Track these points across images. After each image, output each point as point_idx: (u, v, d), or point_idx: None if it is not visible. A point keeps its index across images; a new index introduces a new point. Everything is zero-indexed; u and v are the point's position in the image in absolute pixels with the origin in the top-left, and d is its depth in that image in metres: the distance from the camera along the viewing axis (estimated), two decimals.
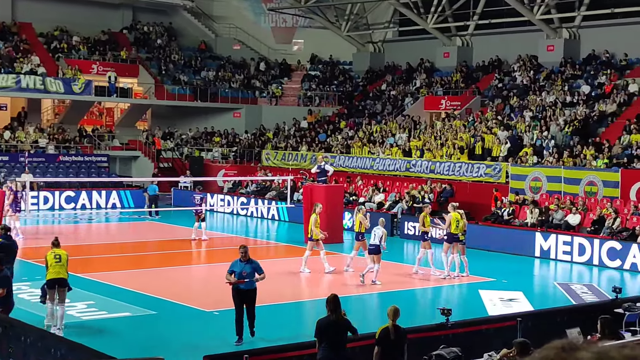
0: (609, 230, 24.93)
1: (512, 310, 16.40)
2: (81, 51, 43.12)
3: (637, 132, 29.40)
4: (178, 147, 42.95)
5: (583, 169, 28.41)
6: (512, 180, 29.67)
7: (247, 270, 13.47)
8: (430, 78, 42.00)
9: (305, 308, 18.14)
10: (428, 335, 12.50)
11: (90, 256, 23.97)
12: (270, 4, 45.86)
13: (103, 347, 10.96)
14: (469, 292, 19.94)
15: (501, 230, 26.93)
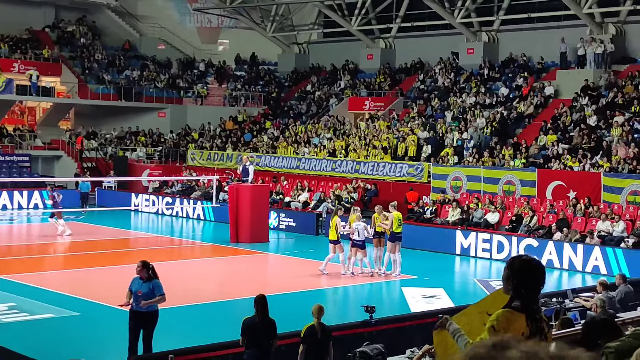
0: (526, 228, 25.46)
1: (433, 307, 16.55)
2: (2, 49, 42.12)
3: (553, 133, 30.06)
4: (102, 147, 42.26)
5: (501, 169, 28.92)
6: (434, 180, 30.03)
7: (143, 290, 11.73)
8: (355, 79, 42.24)
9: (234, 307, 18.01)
10: (352, 332, 12.57)
11: (10, 257, 23.42)
12: (195, 4, 45.57)
13: (26, 349, 10.70)
14: (392, 289, 20.11)
15: (422, 229, 27.21)
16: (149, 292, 11.69)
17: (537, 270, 5.06)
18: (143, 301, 11.62)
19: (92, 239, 27.71)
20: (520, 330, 4.91)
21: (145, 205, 35.79)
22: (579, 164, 27.59)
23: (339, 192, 30.70)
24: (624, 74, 32.46)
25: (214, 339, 12.09)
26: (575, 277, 22.17)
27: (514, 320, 4.88)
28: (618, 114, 29.54)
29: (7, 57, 41.60)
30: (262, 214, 27.61)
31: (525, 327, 4.81)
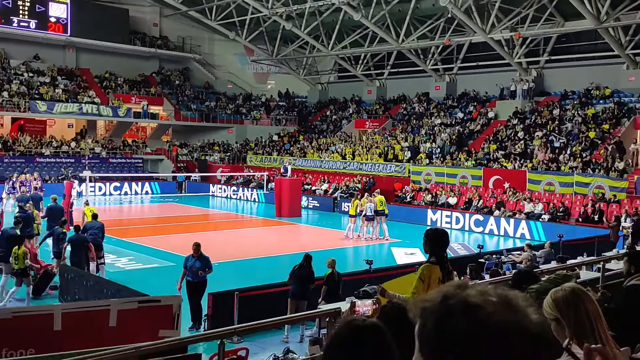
0: (475, 208, 25.32)
1: (412, 260, 16.53)
2: (124, 88, 42.36)
3: (494, 143, 29.86)
4: (190, 153, 42.46)
5: (458, 167, 28.78)
6: (412, 175, 29.94)
7: (196, 265, 11.17)
8: (359, 107, 42.13)
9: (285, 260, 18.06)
10: (357, 277, 12.53)
11: (130, 226, 23.61)
12: (252, 57, 45.59)
13: (139, 288, 10.76)
14: (383, 249, 20.06)
15: (405, 208, 27.16)
16: (201, 265, 11.15)
17: (443, 236, 5.36)
18: (200, 272, 11.06)
19: (183, 214, 27.89)
20: (437, 276, 5.08)
21: (219, 192, 35.96)
22: (511, 164, 27.40)
23: (348, 183, 30.67)
24: (542, 103, 32.18)
25: (265, 282, 12.08)
26: (508, 241, 22.01)
27: (432, 270, 5.11)
28: (538, 130, 29.32)
29: (127, 93, 41.86)
30: (297, 197, 27.66)
31: (439, 273, 5.07)
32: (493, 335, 1.14)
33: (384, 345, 1.71)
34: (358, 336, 1.71)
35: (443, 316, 1.18)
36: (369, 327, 1.74)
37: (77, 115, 38.44)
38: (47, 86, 38.35)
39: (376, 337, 1.72)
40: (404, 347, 1.78)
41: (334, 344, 1.73)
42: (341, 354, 1.70)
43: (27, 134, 37.97)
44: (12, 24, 37.29)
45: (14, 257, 12.05)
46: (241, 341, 9.64)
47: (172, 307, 6.64)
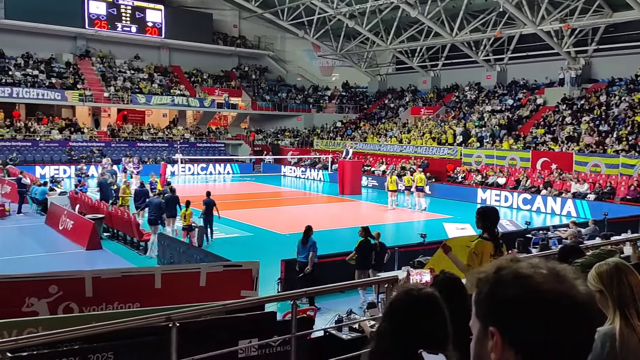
0: (523, 187, 24.49)
1: (463, 234, 16.23)
2: (209, 82, 43.34)
3: (542, 128, 28.70)
4: (265, 138, 43.08)
5: (508, 150, 27.87)
6: (464, 157, 29.25)
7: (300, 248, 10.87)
8: (415, 96, 41.36)
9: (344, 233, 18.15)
10: (413, 249, 12.43)
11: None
12: (319, 52, 45.53)
13: (223, 254, 11.09)
14: (436, 224, 19.78)
15: (457, 187, 26.63)
16: (309, 248, 10.76)
17: (493, 213, 5.23)
18: (312, 252, 10.69)
19: (259, 191, 28.42)
20: (489, 250, 4.94)
21: (289, 172, 36.37)
22: (559, 147, 26.26)
23: (404, 165, 30.30)
24: (590, 90, 30.51)
25: (331, 251, 12.19)
26: (555, 219, 21.20)
27: (484, 245, 4.98)
28: (585, 115, 27.89)
29: (212, 87, 42.81)
30: (358, 177, 27.61)
31: (492, 248, 4.94)
32: (542, 302, 1.12)
33: (437, 311, 1.72)
34: (414, 302, 1.72)
35: (496, 285, 1.18)
36: (424, 295, 1.75)
37: (170, 107, 39.72)
38: (146, 82, 39.76)
39: (430, 304, 1.72)
40: (452, 313, 1.78)
41: (393, 309, 1.75)
42: (398, 318, 1.71)
43: (129, 123, 39.63)
44: (116, 28, 38.81)
45: (182, 217, 14.12)
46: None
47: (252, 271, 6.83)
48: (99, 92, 36.67)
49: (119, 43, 40.34)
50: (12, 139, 32.81)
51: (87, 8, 37.38)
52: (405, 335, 1.65)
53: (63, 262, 12.83)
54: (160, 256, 12.91)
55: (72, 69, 37.62)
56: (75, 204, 18.00)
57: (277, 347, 5.19)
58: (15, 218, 18.42)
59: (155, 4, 40.09)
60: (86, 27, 37.63)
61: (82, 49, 39.13)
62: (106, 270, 6.90)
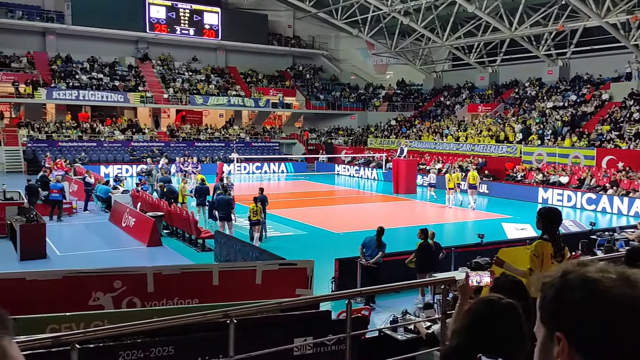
0: (587, 186, 23.48)
1: (523, 235, 15.76)
2: (263, 82, 43.99)
3: (607, 125, 27.41)
4: (319, 137, 43.30)
5: (570, 148, 26.81)
6: (524, 155, 28.35)
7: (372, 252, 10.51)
8: (472, 93, 40.45)
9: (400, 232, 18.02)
10: (470, 249, 12.16)
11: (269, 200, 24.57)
12: (373, 50, 45.29)
13: (278, 252, 11.23)
14: (495, 224, 19.27)
15: (517, 187, 25.86)
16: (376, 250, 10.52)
17: (555, 214, 5.00)
18: (381, 252, 10.53)
19: (313, 190, 28.58)
20: (549, 252, 4.80)
21: (343, 171, 36.38)
22: (626, 144, 25.00)
23: (461, 163, 29.67)
24: None
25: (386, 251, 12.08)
26: (621, 219, 20.21)
27: (545, 246, 4.87)
28: None
29: (266, 87, 43.43)
30: (412, 176, 27.28)
31: (552, 249, 4.75)
32: (610, 306, 1.08)
33: (517, 323, 1.67)
34: (493, 312, 1.68)
35: (562, 289, 1.15)
36: (504, 305, 1.70)
37: (226, 107, 40.61)
38: (203, 83, 40.82)
39: (510, 314, 1.68)
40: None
41: (472, 318, 1.71)
42: (478, 328, 1.68)
43: (187, 123, 40.81)
44: (175, 32, 40.05)
45: (251, 212, 14.68)
46: (364, 301, 9.78)
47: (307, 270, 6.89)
48: (158, 93, 37.95)
49: (177, 46, 41.60)
50: (79, 139, 34.49)
51: (148, 13, 38.76)
52: (481, 345, 1.61)
53: (126, 258, 13.38)
54: (217, 253, 13.22)
55: (133, 72, 39.12)
56: (136, 202, 18.72)
57: (331, 346, 5.21)
58: (82, 215, 19.34)
59: (212, 7, 41.06)
60: (147, 31, 39.04)
61: (143, 52, 40.62)
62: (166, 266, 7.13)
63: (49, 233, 14.01)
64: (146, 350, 4.32)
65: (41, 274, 6.09)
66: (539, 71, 36.32)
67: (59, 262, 12.65)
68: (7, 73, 34.04)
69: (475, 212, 21.40)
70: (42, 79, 34.85)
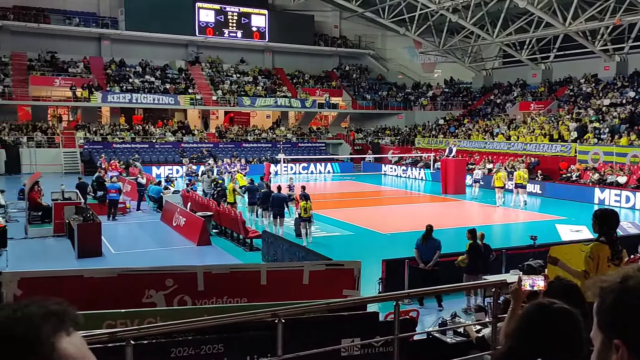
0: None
1: (578, 237, 15.21)
2: (310, 83, 44.23)
3: None
4: (365, 137, 43.17)
5: (629, 147, 25.67)
6: (579, 154, 27.36)
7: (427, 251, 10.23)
8: (523, 90, 39.39)
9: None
10: (522, 252, 11.83)
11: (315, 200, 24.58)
12: (420, 49, 44.76)
13: (324, 253, 11.26)
14: (548, 225, 18.67)
15: (571, 187, 24.98)
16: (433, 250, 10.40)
17: (612, 216, 4.85)
18: (438, 251, 10.43)
19: (360, 190, 28.51)
20: (606, 255, 4.66)
21: (390, 171, 36.12)
22: None
23: (513, 163, 28.92)
24: None
25: None
26: None
27: (601, 249, 4.72)
28: None
29: (313, 88, 43.64)
30: (461, 176, 26.80)
31: (608, 252, 4.62)
32: None
33: (572, 328, 1.61)
34: (547, 317, 1.63)
35: (622, 294, 1.11)
36: (558, 309, 1.65)
37: (273, 108, 41.08)
38: (250, 84, 41.44)
39: (564, 320, 1.63)
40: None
41: (524, 323, 1.67)
42: (531, 333, 1.63)
43: (235, 124, 41.53)
44: (223, 35, 40.86)
45: (302, 209, 14.99)
46: (411, 303, 9.69)
47: (354, 271, 6.88)
48: (207, 95, 38.79)
49: (225, 48, 42.41)
50: (132, 141, 35.68)
51: (198, 16, 39.69)
52: (535, 350, 1.57)
53: (176, 256, 13.75)
54: (265, 253, 13.39)
55: (184, 75, 40.14)
56: (187, 202, 19.19)
57: (379, 347, 5.19)
58: (135, 215, 20.00)
59: (260, 9, 41.64)
60: (197, 35, 39.98)
61: (193, 56, 41.61)
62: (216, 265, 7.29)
63: (104, 232, 14.55)
64: (197, 347, 4.43)
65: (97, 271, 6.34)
66: (594, 67, 34.99)
67: (113, 260, 13.13)
68: (65, 78, 35.59)
69: (526, 212, 20.84)
70: (98, 83, 36.25)
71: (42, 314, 0.84)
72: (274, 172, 28.28)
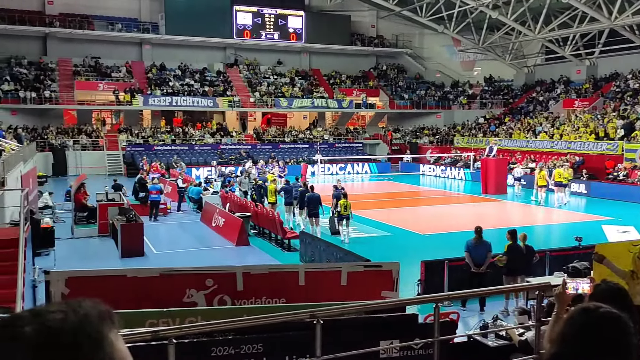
0: None
1: (626, 238, 14.65)
2: (347, 83, 44.18)
3: None
4: (403, 137, 42.80)
5: None
6: (626, 153, 26.40)
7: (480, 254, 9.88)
8: (567, 87, 38.30)
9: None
10: (567, 253, 11.52)
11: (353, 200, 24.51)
12: (459, 47, 44.14)
13: (362, 253, 11.22)
14: (594, 226, 18.08)
15: (618, 186, 24.14)
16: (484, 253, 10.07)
17: None
18: (489, 252, 10.11)
19: (398, 191, 28.28)
20: None
21: (428, 171, 35.71)
22: None
23: (556, 162, 28.17)
24: None
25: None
26: None
27: None
28: None
29: (349, 88, 43.59)
30: (502, 176, 26.26)
31: None
32: None
33: (619, 333, 1.54)
34: (592, 322, 1.57)
35: None
36: (603, 314, 1.58)
37: (310, 109, 41.23)
38: (287, 86, 41.71)
39: (610, 324, 1.56)
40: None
41: (569, 327, 1.62)
42: (576, 338, 1.58)
43: (273, 126, 41.88)
44: (261, 37, 41.29)
45: (342, 207, 15.24)
46: (451, 305, 9.55)
47: (392, 272, 6.84)
48: (245, 97, 39.25)
49: (263, 50, 42.83)
50: (172, 143, 36.44)
51: (236, 20, 40.23)
52: (580, 356, 1.50)
53: (216, 256, 13.95)
54: (303, 253, 13.45)
55: (222, 77, 40.74)
56: (225, 202, 19.47)
57: (418, 350, 5.14)
58: (176, 215, 20.41)
59: (297, 11, 41.88)
60: (234, 37, 40.53)
61: (231, 58, 42.18)
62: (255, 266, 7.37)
63: (146, 232, 14.90)
64: (237, 347, 4.48)
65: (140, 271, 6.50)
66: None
67: (155, 260, 13.44)
68: (109, 82, 36.65)
69: (571, 213, 20.25)
70: (139, 86, 37.18)
71: (97, 314, 0.87)
72: (310, 172, 28.34)
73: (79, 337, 0.83)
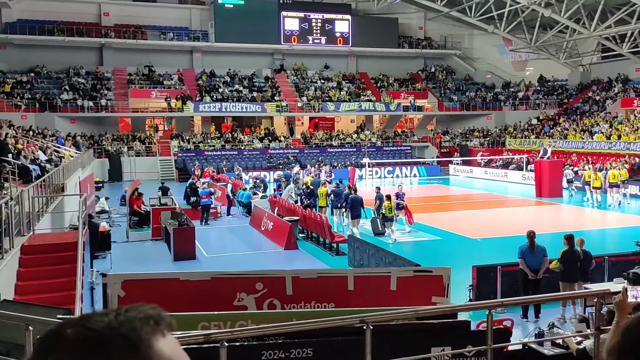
0: None
1: None
2: (394, 86, 43.89)
3: None
4: (452, 139, 42.10)
5: None
6: None
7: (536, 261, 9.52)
8: (625, 86, 36.69)
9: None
10: (628, 259, 11.01)
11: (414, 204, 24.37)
12: (510, 47, 43.07)
13: (412, 258, 11.10)
14: None
15: None
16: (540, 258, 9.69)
17: None
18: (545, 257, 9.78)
19: (448, 194, 27.83)
20: None
21: (483, 175, 34.92)
22: None
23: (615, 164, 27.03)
24: None
25: None
26: None
27: None
28: None
29: (397, 90, 43.28)
30: (557, 178, 25.40)
31: None
32: None
33: None
34: None
35: None
36: None
37: (357, 112, 41.20)
38: (334, 90, 41.81)
39: None
40: None
41: (624, 338, 1.53)
42: (635, 351, 1.49)
43: (320, 130, 42.07)
44: (308, 42, 41.61)
45: (387, 209, 15.53)
46: (504, 312, 9.30)
47: (443, 278, 6.72)
48: (293, 102, 39.61)
49: (310, 55, 43.13)
50: (222, 148, 37.19)
51: (283, 25, 40.71)
52: None
53: (265, 260, 14.11)
54: (351, 258, 13.41)
55: (270, 83, 41.28)
56: (274, 206, 19.68)
57: (471, 357, 5.02)
58: (226, 219, 20.79)
59: (343, 15, 41.97)
60: (282, 43, 41.01)
61: (278, 64, 42.69)
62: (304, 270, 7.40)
63: (198, 236, 15.24)
64: (287, 350, 4.51)
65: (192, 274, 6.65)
66: None
67: (206, 263, 13.73)
68: (161, 90, 37.80)
69: (631, 216, 19.32)
70: (190, 93, 38.16)
71: (141, 317, 0.91)
72: (358, 176, 28.26)
73: (114, 338, 0.87)
